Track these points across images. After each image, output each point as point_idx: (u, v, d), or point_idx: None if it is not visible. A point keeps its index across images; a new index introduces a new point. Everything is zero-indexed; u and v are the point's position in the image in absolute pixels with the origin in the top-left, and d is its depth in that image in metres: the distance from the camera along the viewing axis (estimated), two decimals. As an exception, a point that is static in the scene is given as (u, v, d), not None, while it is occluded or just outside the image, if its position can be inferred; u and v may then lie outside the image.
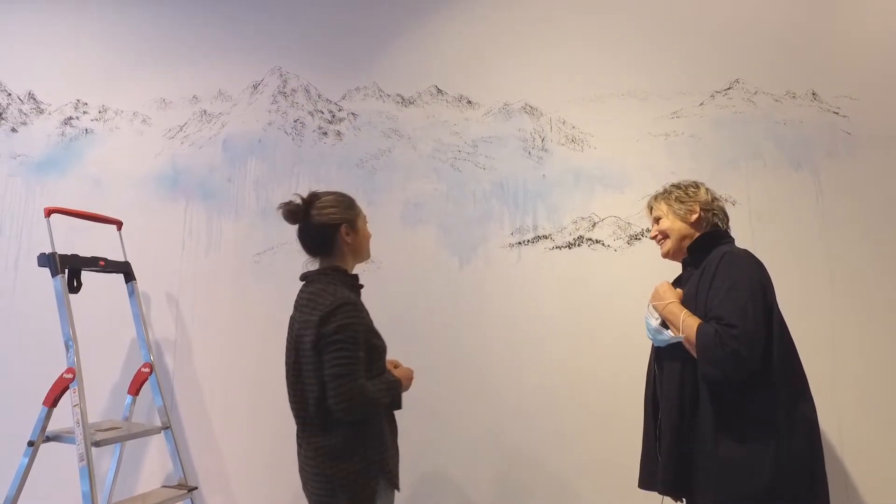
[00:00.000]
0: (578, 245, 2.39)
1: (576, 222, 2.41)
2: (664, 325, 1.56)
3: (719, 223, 1.66)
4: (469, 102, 2.59)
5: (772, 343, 1.44)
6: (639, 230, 2.34)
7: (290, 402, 1.56)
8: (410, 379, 1.70)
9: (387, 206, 2.57)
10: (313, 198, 1.63)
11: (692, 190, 1.69)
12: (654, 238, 1.75)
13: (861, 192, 2.19)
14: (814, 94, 2.29)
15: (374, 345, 1.56)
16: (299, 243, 1.65)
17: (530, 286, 2.40)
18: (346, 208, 1.64)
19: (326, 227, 1.60)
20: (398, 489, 1.57)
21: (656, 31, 2.44)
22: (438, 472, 2.36)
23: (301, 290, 1.62)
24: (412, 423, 2.40)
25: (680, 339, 1.50)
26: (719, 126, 2.33)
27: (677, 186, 1.72)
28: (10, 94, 2.95)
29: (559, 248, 2.40)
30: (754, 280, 1.47)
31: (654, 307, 1.60)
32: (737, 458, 1.40)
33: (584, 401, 2.28)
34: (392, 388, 1.57)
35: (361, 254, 1.69)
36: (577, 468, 2.25)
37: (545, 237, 2.42)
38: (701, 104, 2.36)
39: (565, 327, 2.34)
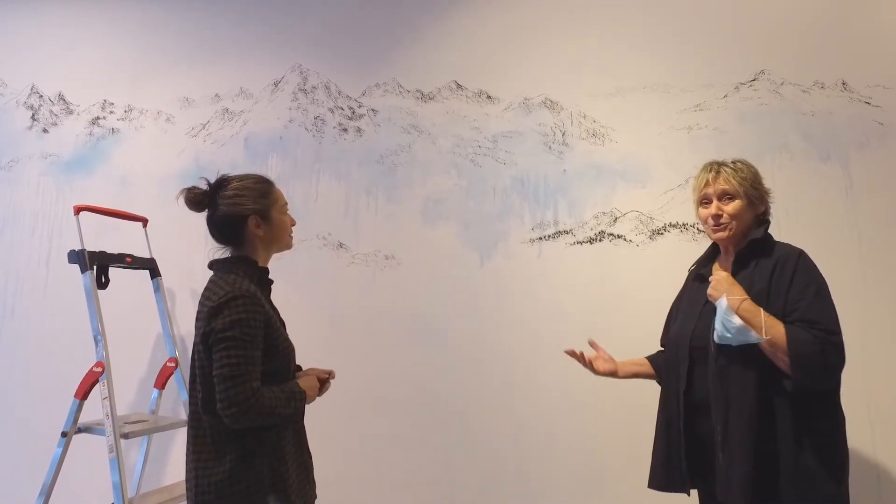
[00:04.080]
0: (600, 240, 2.36)
1: (597, 217, 2.38)
2: None
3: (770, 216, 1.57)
4: (489, 97, 2.58)
5: None
6: (661, 225, 2.30)
7: (188, 404, 1.42)
8: (315, 389, 1.49)
9: (407, 202, 2.58)
10: (221, 183, 1.47)
11: (756, 172, 1.53)
12: (716, 216, 1.52)
13: (894, 185, 2.12)
14: (844, 83, 2.22)
15: (275, 346, 1.39)
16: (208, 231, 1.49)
17: (551, 281, 2.38)
18: (259, 197, 1.46)
19: (233, 219, 1.44)
20: None
21: (678, 22, 2.39)
22: (458, 470, 2.36)
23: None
24: (432, 420, 2.41)
25: (760, 341, 1.38)
26: (744, 119, 2.28)
27: (742, 163, 1.53)
28: (41, 96, 3.03)
29: (580, 243, 2.38)
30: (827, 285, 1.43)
31: (729, 303, 1.42)
32: (817, 468, 1.34)
33: (606, 398, 2.26)
34: (294, 399, 1.39)
35: (278, 244, 1.52)
36: (598, 466, 2.23)
37: (566, 232, 2.40)
38: (725, 96, 2.31)
39: (586, 322, 2.31)
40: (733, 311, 1.40)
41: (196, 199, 1.44)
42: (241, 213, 1.44)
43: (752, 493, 1.36)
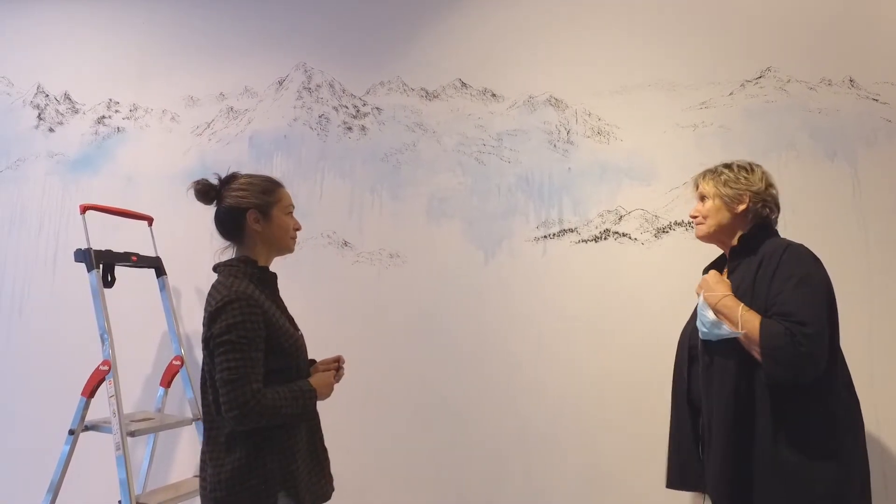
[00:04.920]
0: (605, 238, 2.36)
1: (602, 215, 2.38)
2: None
3: (769, 215, 1.54)
4: (493, 95, 2.57)
5: (836, 343, 1.39)
6: (666, 223, 2.30)
7: (201, 404, 1.45)
8: (329, 386, 1.51)
9: (411, 200, 2.58)
10: (229, 178, 1.52)
11: (744, 175, 1.54)
12: (694, 218, 1.63)
13: (901, 183, 2.11)
14: (851, 80, 2.21)
15: (280, 345, 1.40)
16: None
17: (556, 280, 2.38)
18: (260, 193, 1.49)
19: (234, 211, 1.47)
20: None
21: (684, 18, 2.38)
22: (461, 468, 2.37)
23: None
24: (436, 417, 2.42)
25: (737, 335, 1.40)
26: (750, 116, 2.26)
27: (729, 167, 1.57)
28: (47, 96, 3.04)
29: (585, 241, 2.38)
30: (822, 276, 1.40)
31: (707, 299, 1.47)
32: (797, 463, 1.33)
33: (610, 396, 2.26)
34: (301, 398, 1.40)
35: (277, 245, 1.53)
36: (602, 466, 2.23)
37: (571, 231, 2.40)
38: (731, 94, 2.30)
39: (591, 321, 2.31)
40: (708, 307, 1.45)
41: (204, 190, 1.50)
42: (241, 206, 1.47)
43: (728, 487, 1.39)
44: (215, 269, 1.49)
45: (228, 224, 1.49)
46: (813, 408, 1.36)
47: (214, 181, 1.51)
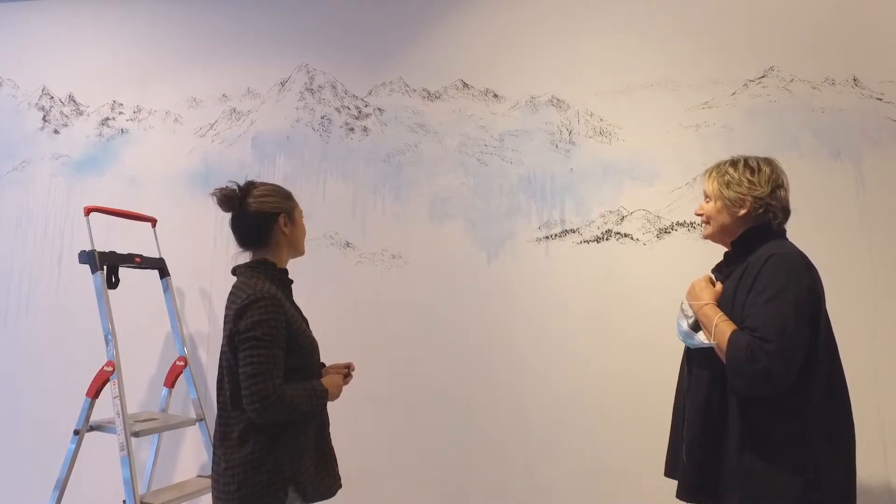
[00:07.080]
0: (607, 239, 2.36)
1: (604, 216, 2.37)
2: (697, 325, 1.46)
3: (772, 219, 1.46)
4: (495, 96, 2.57)
5: (815, 357, 1.34)
6: (668, 224, 2.29)
7: (216, 401, 1.51)
8: (339, 387, 1.58)
9: (414, 200, 2.58)
10: (250, 186, 1.56)
11: (748, 177, 1.47)
12: (700, 216, 1.58)
13: (906, 183, 2.10)
14: (855, 79, 2.19)
15: (299, 346, 1.48)
16: (232, 233, 1.57)
17: (558, 280, 2.38)
18: (285, 199, 1.58)
19: (264, 216, 1.53)
20: (311, 501, 1.48)
21: (686, 18, 2.37)
22: (465, 467, 2.37)
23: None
24: (439, 418, 2.42)
25: (711, 346, 1.40)
26: (753, 116, 2.25)
27: (735, 166, 1.50)
28: (52, 98, 3.06)
29: (587, 242, 2.38)
30: (801, 288, 1.33)
31: (690, 306, 1.49)
32: (762, 472, 1.32)
33: (612, 397, 2.26)
34: (315, 397, 1.48)
35: (297, 248, 1.62)
36: (604, 462, 2.23)
37: (573, 231, 2.40)
38: (734, 94, 2.29)
39: (593, 322, 2.31)
40: (683, 315, 1.48)
41: (228, 196, 1.53)
42: (272, 210, 1.54)
43: (693, 489, 1.42)
44: (235, 270, 1.55)
45: (255, 229, 1.54)
46: (782, 418, 1.34)
47: (234, 187, 1.54)
